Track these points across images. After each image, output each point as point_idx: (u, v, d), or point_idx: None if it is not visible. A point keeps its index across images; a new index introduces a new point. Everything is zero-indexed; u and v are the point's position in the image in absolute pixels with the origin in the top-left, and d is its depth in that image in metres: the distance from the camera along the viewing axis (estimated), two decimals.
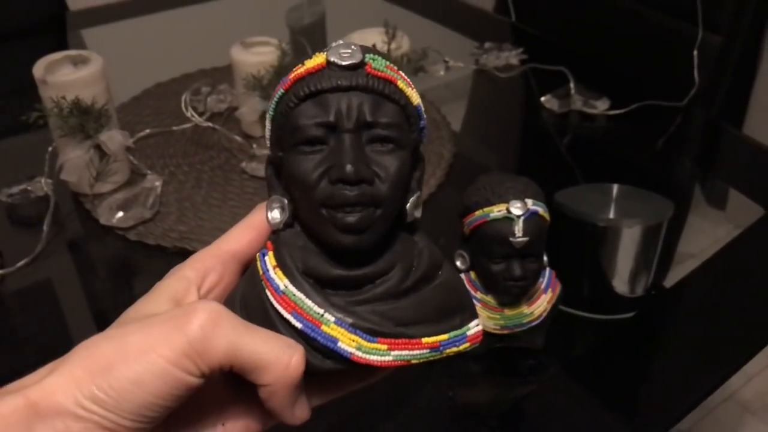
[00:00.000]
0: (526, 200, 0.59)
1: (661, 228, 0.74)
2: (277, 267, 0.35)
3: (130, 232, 0.82)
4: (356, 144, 0.33)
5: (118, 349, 0.30)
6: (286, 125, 0.34)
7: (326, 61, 0.34)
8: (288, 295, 0.34)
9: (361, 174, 0.33)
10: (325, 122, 0.33)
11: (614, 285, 0.74)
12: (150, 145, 0.98)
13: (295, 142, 0.34)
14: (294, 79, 0.34)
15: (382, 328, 0.34)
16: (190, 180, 0.91)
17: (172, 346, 0.30)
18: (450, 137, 0.99)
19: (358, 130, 0.33)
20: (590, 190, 0.80)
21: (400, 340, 0.35)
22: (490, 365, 0.67)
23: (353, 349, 0.34)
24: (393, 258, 0.36)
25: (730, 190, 1.10)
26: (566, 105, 1.06)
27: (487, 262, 0.60)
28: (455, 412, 0.65)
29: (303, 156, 0.34)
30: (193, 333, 0.30)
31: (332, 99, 0.33)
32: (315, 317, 0.34)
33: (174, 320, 0.31)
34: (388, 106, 0.34)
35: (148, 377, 0.29)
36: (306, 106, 0.34)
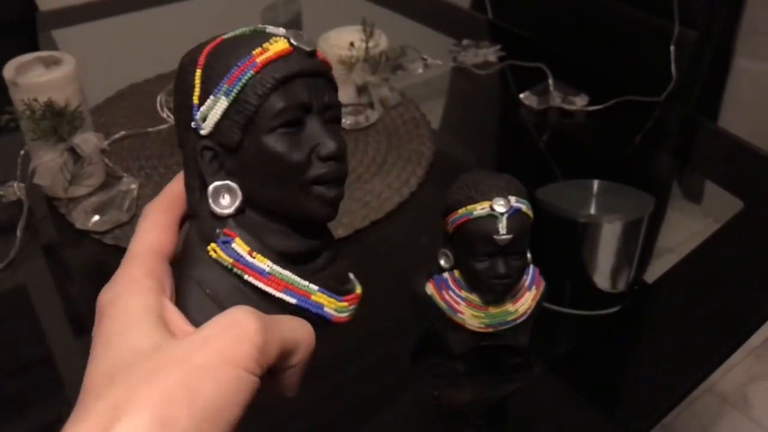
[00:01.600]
0: (510, 197, 0.58)
1: (641, 223, 0.74)
2: (253, 251, 0.35)
3: (107, 236, 0.80)
4: (326, 124, 0.35)
5: (190, 374, 0.29)
6: (260, 108, 0.34)
7: (291, 46, 0.35)
8: (275, 275, 0.35)
9: (343, 151, 0.35)
10: (305, 104, 0.35)
11: (596, 281, 0.74)
12: (125, 147, 0.96)
13: (275, 124, 0.34)
14: (264, 62, 0.34)
15: (341, 287, 0.38)
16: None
17: (245, 356, 0.30)
18: (430, 135, 0.98)
19: (323, 113, 0.35)
20: (570, 186, 0.80)
21: (351, 295, 0.38)
22: (475, 364, 0.66)
23: (333, 311, 0.37)
24: (324, 229, 0.39)
25: (706, 185, 1.10)
26: (545, 101, 1.06)
27: (471, 260, 0.60)
28: (440, 412, 0.65)
29: (283, 137, 0.35)
30: (258, 339, 0.30)
31: (302, 83, 0.35)
32: (304, 289, 0.36)
33: (230, 332, 0.30)
34: (333, 89, 0.37)
35: (234, 390, 0.29)
36: (283, 89, 0.34)
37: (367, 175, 0.90)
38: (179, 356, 0.30)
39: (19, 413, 0.63)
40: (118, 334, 0.32)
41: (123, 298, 0.34)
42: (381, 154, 0.94)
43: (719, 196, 0.96)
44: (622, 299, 0.74)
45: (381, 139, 0.97)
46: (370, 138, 0.97)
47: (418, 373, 0.67)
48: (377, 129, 0.99)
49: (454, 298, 0.63)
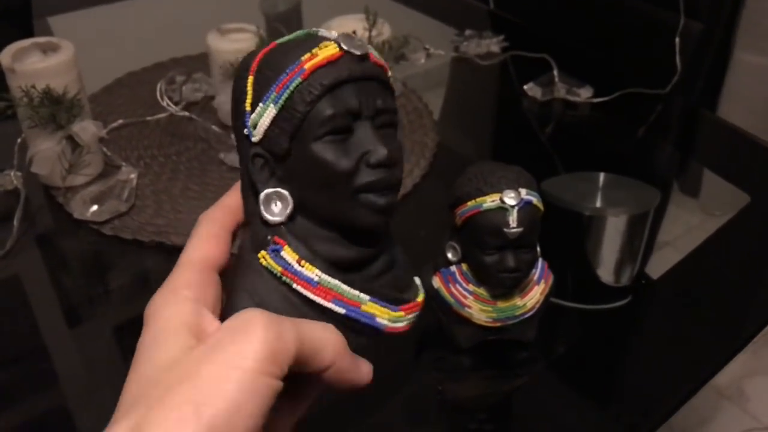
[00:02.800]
0: (520, 189, 0.57)
1: (647, 217, 0.73)
2: (302, 259, 0.35)
3: (105, 226, 0.79)
4: (377, 130, 0.35)
5: (198, 386, 0.28)
6: (308, 116, 0.34)
7: (340, 50, 0.34)
8: (323, 284, 0.35)
9: (395, 158, 0.34)
10: (354, 110, 0.34)
11: (600, 275, 0.74)
12: (123, 136, 0.94)
13: (323, 132, 0.34)
14: (311, 68, 0.34)
15: (398, 295, 0.37)
16: (166, 171, 0.88)
17: (255, 356, 0.29)
18: (432, 126, 0.97)
19: (374, 117, 0.35)
20: (576, 178, 0.79)
21: (410, 304, 0.37)
22: (480, 358, 0.65)
23: (386, 321, 0.36)
24: (380, 235, 0.37)
25: (704, 178, 1.10)
26: (549, 93, 1.05)
27: (480, 253, 0.59)
28: (444, 407, 0.64)
29: (331, 145, 0.34)
30: (269, 335, 0.29)
31: (352, 88, 0.34)
32: (353, 299, 0.35)
33: (238, 334, 0.30)
34: (388, 92, 0.36)
35: (243, 397, 0.28)
36: (332, 95, 0.34)
37: None
38: (190, 370, 0.29)
39: (12, 404, 0.62)
40: (149, 347, 0.32)
41: (160, 309, 0.34)
42: None
43: (716, 190, 0.96)
44: (626, 294, 0.73)
45: None
46: None
47: (423, 367, 0.66)
48: None
49: (462, 291, 0.62)
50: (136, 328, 0.34)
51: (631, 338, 0.70)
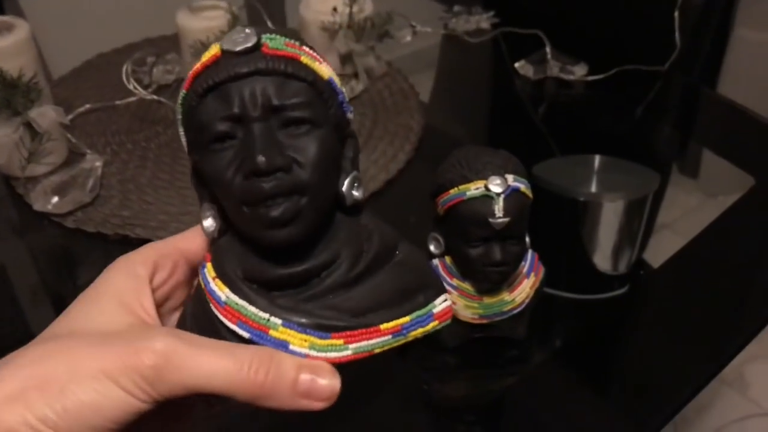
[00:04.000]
0: (507, 176, 0.52)
1: (645, 201, 0.70)
2: (217, 278, 0.33)
3: (68, 218, 0.74)
4: (266, 132, 0.31)
5: (71, 371, 0.29)
6: (193, 126, 0.32)
7: (220, 50, 0.32)
8: (230, 305, 0.33)
9: (274, 162, 0.31)
10: (230, 115, 0.31)
11: (596, 263, 0.70)
12: (90, 121, 0.89)
13: (205, 141, 0.32)
14: (192, 76, 0.32)
15: (335, 321, 0.32)
16: (134, 159, 0.83)
17: (128, 376, 0.29)
18: (418, 108, 0.92)
19: (266, 117, 0.31)
20: (570, 162, 0.76)
21: (357, 331, 0.33)
22: (468, 357, 0.61)
23: (307, 350, 0.32)
24: (337, 246, 0.34)
25: (703, 159, 1.07)
26: (542, 71, 1.00)
27: (464, 245, 0.54)
28: (430, 407, 0.59)
29: (215, 154, 0.32)
30: (147, 370, 0.29)
31: (233, 89, 0.31)
32: (261, 323, 0.32)
33: (129, 349, 0.30)
34: (294, 85, 0.32)
35: (104, 402, 0.29)
36: (208, 101, 0.31)
37: None
38: (79, 350, 0.30)
39: None
40: (80, 303, 0.33)
41: (110, 274, 0.35)
42: (366, 128, 0.87)
43: (716, 171, 0.93)
44: (624, 282, 0.70)
45: (366, 112, 0.90)
46: (355, 111, 0.90)
47: (406, 366, 0.61)
48: (362, 101, 0.93)
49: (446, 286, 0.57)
50: None
51: (631, 329, 0.66)
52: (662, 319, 0.66)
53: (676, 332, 0.64)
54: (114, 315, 0.33)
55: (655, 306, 0.68)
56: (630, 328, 0.66)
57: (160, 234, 0.72)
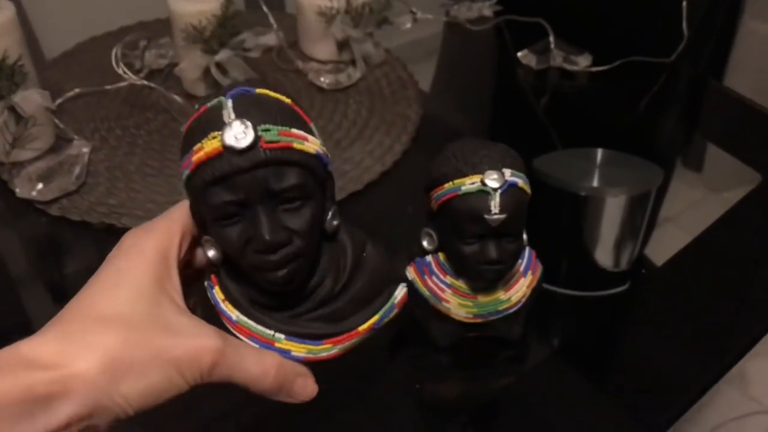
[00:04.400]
0: (504, 170, 0.50)
1: (649, 197, 0.67)
2: (226, 300, 0.41)
3: (52, 206, 0.72)
4: (268, 212, 0.37)
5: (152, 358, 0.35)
6: (201, 202, 0.38)
7: (222, 146, 0.35)
8: (241, 323, 0.40)
9: (279, 241, 0.37)
10: (235, 200, 0.36)
11: (597, 259, 0.68)
12: (79, 106, 0.87)
13: (214, 217, 0.37)
14: (196, 163, 0.36)
15: (324, 330, 0.41)
16: (123, 146, 0.80)
17: (190, 368, 0.36)
18: (417, 97, 0.89)
19: (267, 200, 0.37)
20: (571, 155, 0.73)
21: (341, 336, 0.41)
22: (461, 357, 0.59)
23: (304, 354, 0.41)
24: (322, 270, 0.41)
25: (707, 152, 1.04)
26: (545, 61, 0.97)
27: (458, 242, 0.52)
28: (422, 409, 0.57)
29: (223, 229, 0.37)
30: (205, 366, 0.36)
31: (237, 180, 0.36)
32: (268, 338, 0.40)
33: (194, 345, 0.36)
34: (289, 171, 0.37)
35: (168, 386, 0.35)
36: (214, 189, 0.36)
37: (346, 140, 0.81)
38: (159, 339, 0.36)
39: None
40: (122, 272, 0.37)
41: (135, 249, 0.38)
42: (362, 117, 0.85)
43: (721, 165, 0.91)
44: (625, 279, 0.68)
45: (363, 100, 0.88)
46: (351, 99, 0.88)
47: (397, 366, 0.59)
48: (359, 89, 0.90)
49: (438, 284, 0.55)
50: None
51: (633, 328, 0.64)
52: (665, 317, 0.64)
53: (679, 331, 0.62)
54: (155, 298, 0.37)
55: (657, 304, 0.66)
56: (631, 326, 0.64)
57: None
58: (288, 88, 0.90)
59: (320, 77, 0.89)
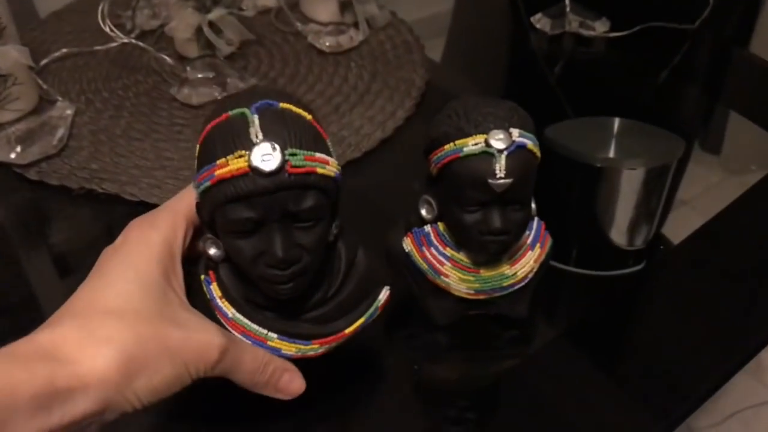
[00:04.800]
0: (511, 130, 0.45)
1: (668, 170, 0.63)
2: (223, 297, 0.42)
3: (30, 169, 0.68)
4: (284, 231, 0.39)
5: (163, 354, 0.37)
6: (217, 213, 0.39)
7: (249, 167, 0.37)
8: (236, 320, 0.42)
9: (291, 258, 0.39)
10: (254, 218, 0.38)
11: (611, 236, 0.64)
12: (67, 67, 0.82)
13: (229, 230, 0.39)
14: (219, 178, 0.37)
15: (315, 331, 0.44)
16: (109, 108, 0.76)
17: (197, 365, 0.38)
18: (423, 62, 0.84)
19: (283, 219, 0.38)
20: (587, 124, 0.69)
21: (329, 337, 0.45)
22: (462, 336, 0.54)
23: (293, 352, 0.44)
24: (318, 277, 0.43)
25: (727, 134, 1.00)
26: (560, 26, 0.92)
27: (459, 210, 0.47)
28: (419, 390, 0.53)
29: (236, 240, 0.39)
30: (210, 363, 0.39)
31: (259, 200, 0.37)
32: (261, 336, 0.43)
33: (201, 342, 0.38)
34: (309, 194, 0.38)
35: (176, 381, 0.37)
36: (234, 205, 0.38)
37: (346, 105, 0.76)
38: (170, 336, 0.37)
39: None
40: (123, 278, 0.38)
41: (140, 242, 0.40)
42: (364, 81, 0.80)
43: (740, 147, 0.87)
44: (641, 258, 0.63)
45: (365, 64, 0.83)
46: (353, 62, 0.83)
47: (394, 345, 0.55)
48: (361, 52, 0.85)
49: (437, 257, 0.50)
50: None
51: (648, 310, 0.59)
52: (682, 300, 0.59)
53: (697, 315, 0.57)
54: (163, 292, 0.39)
55: (674, 285, 0.61)
56: (646, 308, 0.59)
57: (129, 189, 0.65)
58: (287, 50, 0.85)
59: (320, 39, 0.85)
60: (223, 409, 0.48)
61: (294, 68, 0.82)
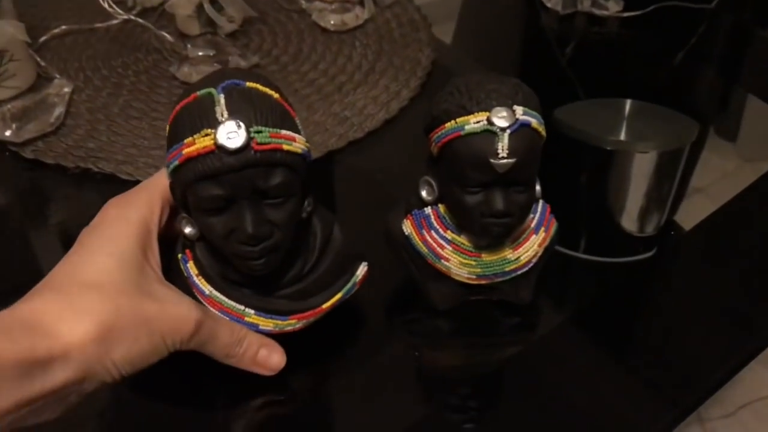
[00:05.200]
0: (515, 108, 0.43)
1: (682, 153, 0.61)
2: (200, 275, 0.43)
3: (26, 148, 0.66)
4: (253, 207, 0.39)
5: (140, 326, 0.37)
6: (188, 192, 0.39)
7: (215, 145, 0.37)
8: (213, 297, 0.43)
9: (262, 235, 0.39)
10: (223, 196, 0.38)
11: (621, 222, 0.62)
12: (66, 44, 0.81)
13: (200, 208, 0.39)
14: (186, 156, 0.38)
15: (292, 307, 0.45)
16: (108, 86, 0.74)
17: (173, 337, 0.39)
18: (429, 41, 0.82)
19: (253, 196, 0.39)
20: (597, 106, 0.67)
21: (307, 312, 0.45)
22: (463, 322, 0.53)
23: (271, 328, 0.45)
24: (293, 254, 0.44)
25: (743, 120, 0.97)
26: (572, 4, 0.90)
27: (460, 191, 0.45)
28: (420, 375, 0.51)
29: (207, 218, 0.40)
30: (186, 335, 0.40)
31: (227, 177, 0.38)
32: (238, 312, 0.44)
33: (177, 315, 0.39)
34: (276, 171, 0.39)
35: (152, 352, 0.38)
36: (203, 183, 0.38)
37: (350, 85, 0.74)
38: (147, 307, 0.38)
39: None
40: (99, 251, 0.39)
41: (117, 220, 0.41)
42: (369, 60, 0.78)
43: (757, 134, 0.85)
44: (651, 245, 0.61)
45: (370, 43, 0.81)
46: (357, 41, 0.81)
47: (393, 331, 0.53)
48: (366, 31, 0.83)
49: (438, 240, 0.48)
50: None
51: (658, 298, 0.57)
52: (693, 288, 0.57)
53: (708, 303, 0.56)
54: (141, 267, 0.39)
55: (685, 273, 0.59)
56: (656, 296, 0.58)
57: (125, 169, 0.64)
58: (290, 28, 0.83)
59: (325, 17, 0.82)
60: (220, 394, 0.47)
61: (297, 46, 0.80)
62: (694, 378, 0.50)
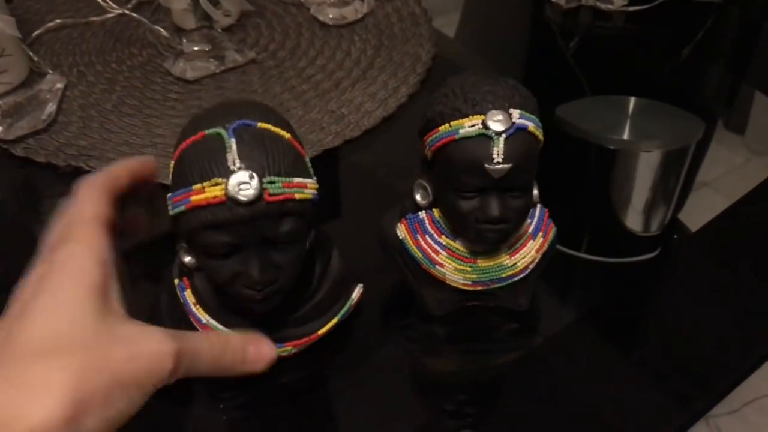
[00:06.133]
0: (511, 111, 0.41)
1: (686, 153, 0.61)
2: (197, 304, 0.43)
3: (17, 145, 0.65)
4: (260, 254, 0.38)
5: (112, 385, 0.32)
6: (191, 235, 0.38)
7: (225, 195, 0.36)
8: (210, 326, 0.43)
9: (267, 280, 0.39)
10: (231, 243, 0.37)
11: (624, 221, 0.62)
12: (60, 38, 0.80)
13: (206, 252, 0.38)
14: (195, 204, 0.36)
15: (288, 334, 0.45)
16: (101, 81, 0.73)
17: (152, 380, 0.34)
18: (430, 36, 0.80)
19: (261, 244, 0.38)
20: (600, 103, 0.66)
21: (302, 339, 0.45)
22: (459, 329, 0.51)
23: None
24: (294, 287, 0.43)
25: (752, 112, 0.96)
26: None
27: (455, 196, 0.44)
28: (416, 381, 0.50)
29: (212, 262, 0.39)
30: (165, 373, 0.34)
31: (236, 227, 0.37)
32: None
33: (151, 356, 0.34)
34: (287, 219, 0.38)
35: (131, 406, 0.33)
36: (210, 231, 0.37)
37: (347, 81, 0.73)
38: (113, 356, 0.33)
39: None
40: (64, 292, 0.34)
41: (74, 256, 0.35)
42: (367, 56, 0.77)
43: (766, 128, 0.84)
44: (655, 244, 0.60)
45: (369, 38, 0.79)
46: (356, 36, 0.79)
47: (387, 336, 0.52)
48: (366, 25, 0.81)
49: (432, 245, 0.47)
50: None
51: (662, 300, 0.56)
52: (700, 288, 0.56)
53: (716, 304, 0.54)
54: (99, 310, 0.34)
55: (691, 273, 0.58)
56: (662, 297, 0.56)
57: None
58: (288, 22, 0.82)
59: (324, 11, 0.81)
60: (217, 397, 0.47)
61: (295, 41, 0.78)
62: (702, 383, 0.49)
